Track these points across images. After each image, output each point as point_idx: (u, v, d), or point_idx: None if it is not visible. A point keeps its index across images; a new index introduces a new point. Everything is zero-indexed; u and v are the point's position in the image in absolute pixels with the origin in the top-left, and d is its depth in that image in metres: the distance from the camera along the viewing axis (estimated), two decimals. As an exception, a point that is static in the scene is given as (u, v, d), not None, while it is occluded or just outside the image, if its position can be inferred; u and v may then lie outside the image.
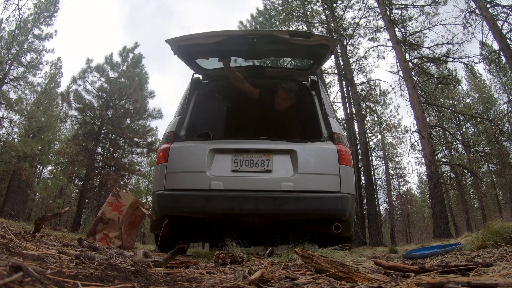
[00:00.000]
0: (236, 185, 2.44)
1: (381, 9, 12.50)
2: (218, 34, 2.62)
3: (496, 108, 20.36)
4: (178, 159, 2.56)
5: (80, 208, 14.75)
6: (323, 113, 2.93)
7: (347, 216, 2.46)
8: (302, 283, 1.00)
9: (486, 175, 20.46)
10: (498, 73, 14.56)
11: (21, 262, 0.80)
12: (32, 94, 19.59)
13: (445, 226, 9.27)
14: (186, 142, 2.74)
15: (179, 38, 2.66)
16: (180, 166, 2.54)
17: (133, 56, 17.33)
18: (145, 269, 1.06)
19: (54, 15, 18.03)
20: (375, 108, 18.74)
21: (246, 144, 2.65)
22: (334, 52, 2.79)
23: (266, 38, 2.69)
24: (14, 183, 18.53)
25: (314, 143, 2.63)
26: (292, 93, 3.06)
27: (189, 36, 2.66)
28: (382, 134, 23.22)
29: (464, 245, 2.12)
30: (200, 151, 2.58)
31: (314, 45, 2.66)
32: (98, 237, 2.48)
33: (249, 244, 3.46)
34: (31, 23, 17.76)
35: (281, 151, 2.59)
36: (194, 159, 2.55)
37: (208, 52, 2.89)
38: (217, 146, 2.61)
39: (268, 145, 2.62)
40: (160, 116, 17.06)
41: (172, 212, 2.46)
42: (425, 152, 10.41)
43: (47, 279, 0.68)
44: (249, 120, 3.55)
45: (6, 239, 1.23)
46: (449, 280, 0.75)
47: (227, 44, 2.67)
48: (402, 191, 28.72)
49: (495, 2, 10.75)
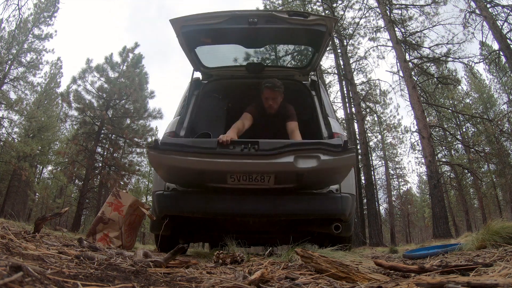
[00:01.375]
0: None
1: (381, 9, 12.51)
2: (221, 14, 2.64)
3: (496, 108, 20.36)
4: None
5: (80, 208, 14.75)
6: (323, 113, 2.93)
7: (347, 216, 2.46)
8: (302, 283, 1.00)
9: (486, 175, 20.45)
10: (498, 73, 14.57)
11: (21, 262, 0.80)
12: (32, 94, 19.63)
13: (445, 226, 9.27)
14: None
15: (183, 18, 2.67)
16: None
17: (133, 56, 17.34)
18: (145, 269, 1.06)
19: (54, 15, 18.04)
20: (375, 108, 18.76)
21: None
22: (332, 33, 2.76)
23: (266, 18, 2.70)
24: (14, 183, 18.52)
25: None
26: (279, 88, 2.92)
27: (193, 16, 2.66)
28: (382, 134, 23.24)
29: (464, 245, 2.12)
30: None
31: (312, 24, 2.66)
32: (98, 237, 2.48)
33: (249, 244, 3.46)
34: (31, 23, 17.77)
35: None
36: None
37: (211, 33, 2.87)
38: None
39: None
40: (160, 116, 17.09)
41: (172, 212, 2.46)
42: (425, 152, 10.41)
43: (47, 279, 0.68)
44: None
45: (6, 239, 1.23)
46: (449, 280, 0.75)
47: (229, 24, 2.68)
48: (402, 191, 28.75)
49: (495, 2, 10.76)
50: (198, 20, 2.68)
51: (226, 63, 3.41)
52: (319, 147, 2.10)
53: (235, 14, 2.67)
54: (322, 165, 2.10)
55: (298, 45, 3.44)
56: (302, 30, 2.75)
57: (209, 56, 3.23)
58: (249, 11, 2.77)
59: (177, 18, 2.65)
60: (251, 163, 2.17)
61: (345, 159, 2.14)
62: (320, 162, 2.08)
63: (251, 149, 2.13)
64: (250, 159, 2.14)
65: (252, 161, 2.15)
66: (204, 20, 2.63)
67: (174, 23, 2.67)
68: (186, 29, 2.73)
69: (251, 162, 2.16)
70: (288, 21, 2.64)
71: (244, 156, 2.13)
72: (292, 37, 3.10)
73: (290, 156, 2.08)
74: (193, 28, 2.73)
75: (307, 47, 3.27)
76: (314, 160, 2.09)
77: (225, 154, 2.13)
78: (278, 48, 3.72)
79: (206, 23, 2.63)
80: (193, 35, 2.84)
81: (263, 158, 2.10)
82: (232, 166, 2.23)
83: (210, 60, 3.27)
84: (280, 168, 2.17)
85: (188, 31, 2.75)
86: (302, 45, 3.34)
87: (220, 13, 2.66)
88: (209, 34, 2.88)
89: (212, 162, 2.15)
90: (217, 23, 2.66)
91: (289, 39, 3.21)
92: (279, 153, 2.08)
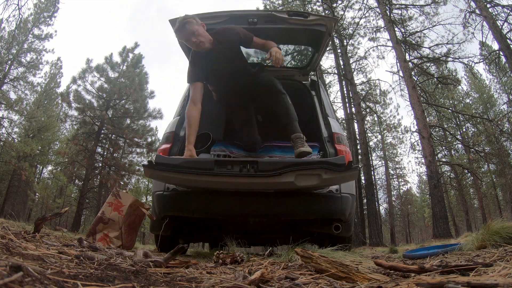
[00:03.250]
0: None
1: (381, 9, 12.51)
2: (220, 14, 2.65)
3: (496, 108, 20.36)
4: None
5: (80, 208, 14.75)
6: (323, 113, 2.93)
7: (347, 216, 2.46)
8: (302, 283, 1.00)
9: (486, 175, 20.45)
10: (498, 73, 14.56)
11: (21, 262, 0.80)
12: (32, 94, 19.61)
13: (445, 226, 9.27)
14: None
15: (183, 18, 2.67)
16: None
17: (133, 56, 17.33)
18: (145, 269, 1.06)
19: (54, 15, 18.03)
20: (375, 108, 18.76)
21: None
22: (331, 33, 2.75)
23: (265, 18, 2.70)
24: (14, 183, 18.52)
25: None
26: (189, 20, 2.43)
27: (192, 16, 2.67)
28: (382, 134, 23.24)
29: (464, 245, 2.12)
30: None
31: (311, 24, 2.65)
32: (98, 237, 2.48)
33: (249, 244, 3.46)
34: (31, 23, 17.76)
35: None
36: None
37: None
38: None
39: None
40: (160, 116, 17.08)
41: (172, 212, 2.46)
42: (425, 152, 10.41)
43: (47, 279, 0.68)
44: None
45: (6, 239, 1.23)
46: (449, 280, 0.75)
47: (228, 24, 2.67)
48: (402, 191, 28.75)
49: (495, 2, 10.76)
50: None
51: None
52: (322, 166, 2.05)
53: (234, 14, 2.67)
54: (323, 183, 2.09)
55: (298, 45, 3.44)
56: (302, 30, 2.75)
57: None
58: (249, 11, 2.77)
59: (176, 18, 2.65)
60: (250, 183, 2.15)
61: (347, 177, 2.13)
62: (321, 180, 2.05)
63: (250, 170, 2.10)
64: (249, 179, 2.11)
65: (251, 181, 2.13)
66: (204, 20, 2.63)
67: (173, 23, 2.67)
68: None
69: (250, 182, 2.14)
70: (288, 21, 2.63)
71: (243, 177, 2.11)
72: (292, 37, 3.10)
73: (290, 175, 2.04)
74: None
75: (307, 47, 3.27)
76: (315, 178, 2.05)
77: (223, 176, 2.10)
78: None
79: (206, 23, 2.63)
80: None
81: (263, 178, 2.07)
82: (231, 186, 2.22)
83: None
84: (280, 186, 2.16)
85: None
86: (302, 45, 3.34)
87: (220, 13, 2.66)
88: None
89: (211, 182, 2.13)
90: (217, 23, 2.66)
91: (289, 39, 3.21)
92: (279, 174, 2.03)
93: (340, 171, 2.03)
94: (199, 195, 2.46)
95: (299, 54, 3.69)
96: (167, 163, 2.12)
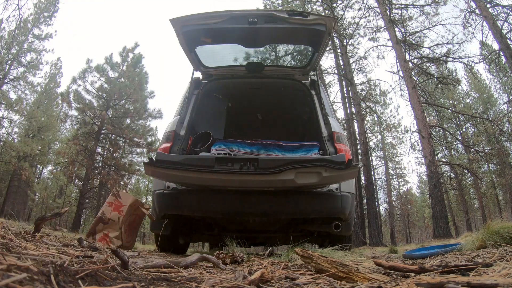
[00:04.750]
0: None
1: (381, 9, 12.50)
2: (221, 14, 2.65)
3: (496, 108, 20.37)
4: None
5: (80, 208, 14.74)
6: (323, 112, 2.93)
7: (347, 215, 2.46)
8: (302, 283, 1.00)
9: (486, 175, 20.44)
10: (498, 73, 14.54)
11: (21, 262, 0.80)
12: (32, 94, 19.63)
13: (445, 226, 9.26)
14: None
15: (183, 17, 2.66)
16: None
17: (133, 56, 17.33)
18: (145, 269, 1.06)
19: (54, 15, 18.05)
20: (375, 108, 18.76)
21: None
22: (331, 33, 2.76)
23: (265, 17, 2.70)
24: (14, 183, 18.52)
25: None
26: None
27: (193, 16, 2.66)
28: (382, 134, 23.24)
29: (464, 245, 2.12)
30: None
31: (311, 23, 2.65)
32: (98, 237, 2.48)
33: (249, 244, 3.46)
34: (31, 23, 17.76)
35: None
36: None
37: (211, 33, 2.87)
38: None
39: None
40: (160, 116, 17.08)
41: (172, 211, 2.46)
42: (425, 152, 10.41)
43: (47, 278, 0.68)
44: (249, 119, 3.55)
45: (6, 239, 1.23)
46: (449, 280, 0.75)
47: (229, 24, 2.68)
48: (402, 191, 28.74)
49: (495, 2, 10.76)
50: (198, 20, 2.68)
51: (226, 62, 3.41)
52: (322, 164, 2.07)
53: (235, 14, 2.67)
54: (323, 181, 2.10)
55: (298, 45, 3.44)
56: (302, 30, 2.75)
57: (209, 55, 3.23)
58: (249, 11, 2.77)
59: (177, 17, 2.64)
60: (250, 180, 2.15)
61: (347, 175, 2.13)
62: (321, 178, 2.06)
63: (250, 167, 2.11)
64: (249, 177, 2.12)
65: (251, 179, 2.13)
66: (204, 20, 2.63)
67: (174, 23, 2.67)
68: (186, 29, 2.73)
69: (250, 179, 2.14)
70: (288, 21, 2.63)
71: (244, 175, 2.12)
72: (292, 37, 3.10)
73: (291, 173, 2.05)
74: (193, 28, 2.73)
75: (307, 47, 3.27)
76: (315, 176, 2.06)
77: (224, 173, 2.11)
78: (278, 47, 3.71)
79: (206, 22, 2.63)
80: (193, 34, 2.84)
81: (263, 176, 2.08)
82: (231, 183, 2.23)
83: (210, 60, 3.27)
84: (279, 184, 2.16)
85: (188, 30, 2.75)
86: (302, 45, 3.34)
87: (220, 13, 2.66)
88: (209, 33, 2.87)
89: (211, 179, 2.14)
90: (217, 22, 2.66)
91: (289, 39, 3.21)
92: (280, 172, 2.04)
93: (340, 169, 2.04)
94: (199, 193, 2.46)
95: (299, 53, 3.69)
96: (168, 160, 2.13)
